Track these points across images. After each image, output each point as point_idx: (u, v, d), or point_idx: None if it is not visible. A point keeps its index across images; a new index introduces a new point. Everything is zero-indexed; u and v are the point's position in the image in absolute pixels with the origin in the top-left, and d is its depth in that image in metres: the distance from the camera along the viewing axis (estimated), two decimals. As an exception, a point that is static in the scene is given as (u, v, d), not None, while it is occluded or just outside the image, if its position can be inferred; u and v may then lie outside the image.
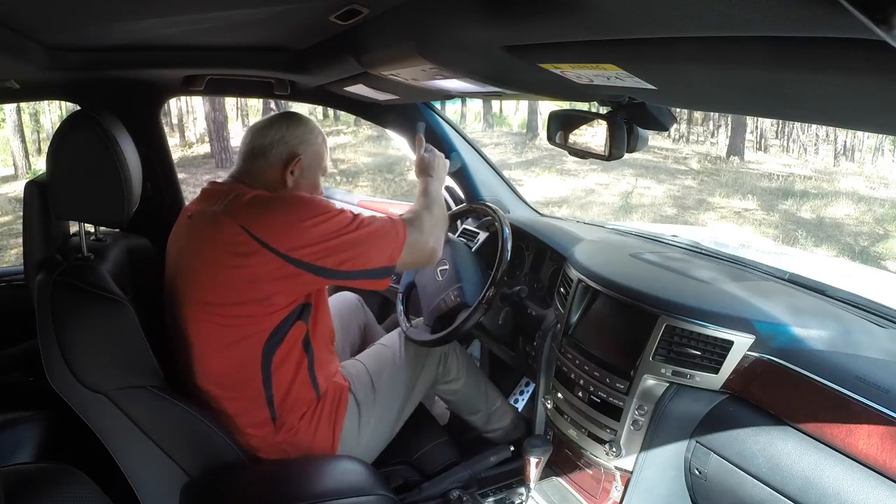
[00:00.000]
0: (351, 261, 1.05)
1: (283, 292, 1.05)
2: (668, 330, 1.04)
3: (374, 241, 1.07)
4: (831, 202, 8.37)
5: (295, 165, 1.16)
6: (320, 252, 1.03)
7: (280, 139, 1.17)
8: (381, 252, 1.08)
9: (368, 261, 1.07)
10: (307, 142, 1.19)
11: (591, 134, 0.98)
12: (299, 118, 1.21)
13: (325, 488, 1.04)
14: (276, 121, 1.19)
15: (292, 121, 1.19)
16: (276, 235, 1.02)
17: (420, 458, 1.31)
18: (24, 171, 9.83)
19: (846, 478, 0.81)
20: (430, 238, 1.16)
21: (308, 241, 1.02)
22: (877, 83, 0.44)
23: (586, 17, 0.52)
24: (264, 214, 1.03)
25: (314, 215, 1.04)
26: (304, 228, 1.03)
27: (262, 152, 1.16)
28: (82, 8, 0.87)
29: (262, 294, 1.04)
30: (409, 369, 1.31)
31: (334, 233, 1.04)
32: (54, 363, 0.95)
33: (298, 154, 1.16)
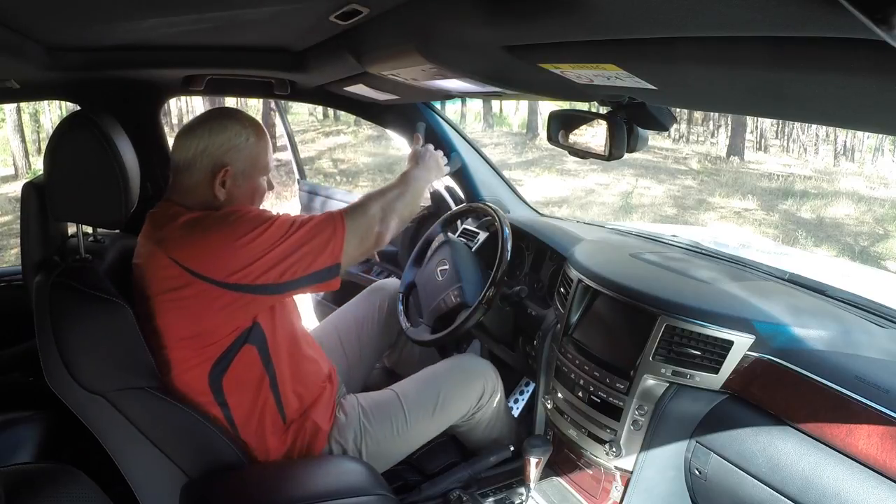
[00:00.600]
0: (290, 270, 0.99)
1: (224, 322, 1.00)
2: (668, 330, 1.04)
3: (311, 243, 1.00)
4: (831, 202, 8.38)
5: (224, 176, 1.05)
6: (257, 271, 0.97)
7: (202, 151, 1.05)
8: (321, 252, 1.01)
9: (310, 265, 1.00)
10: (235, 147, 1.06)
11: (591, 134, 0.98)
12: (222, 120, 1.08)
13: (325, 488, 1.04)
14: (199, 126, 1.07)
15: (214, 126, 1.07)
16: (211, 264, 0.96)
17: (420, 458, 1.31)
18: (24, 171, 9.83)
19: (846, 478, 0.81)
20: (374, 222, 1.08)
21: (244, 263, 0.96)
22: (877, 83, 0.44)
23: (586, 17, 0.52)
24: (192, 242, 0.97)
25: (244, 233, 0.97)
26: (236, 249, 0.96)
27: (187, 168, 1.06)
28: (82, 8, 0.87)
29: (198, 328, 0.99)
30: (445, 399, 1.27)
31: (268, 247, 0.97)
32: (52, 364, 0.95)
33: (226, 164, 1.05)
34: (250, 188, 1.10)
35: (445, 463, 1.31)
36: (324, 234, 1.02)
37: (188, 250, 0.97)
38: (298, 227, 1.01)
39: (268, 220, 1.00)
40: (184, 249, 0.97)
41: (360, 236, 1.06)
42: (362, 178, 9.03)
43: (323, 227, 1.02)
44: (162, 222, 1.02)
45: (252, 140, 1.08)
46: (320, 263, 1.01)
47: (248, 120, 1.11)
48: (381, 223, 1.09)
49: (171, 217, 1.02)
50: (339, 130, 12.27)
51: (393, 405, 1.23)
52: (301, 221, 1.02)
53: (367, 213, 1.07)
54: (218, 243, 0.97)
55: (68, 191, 1.02)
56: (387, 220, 1.10)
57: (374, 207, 1.09)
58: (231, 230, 0.98)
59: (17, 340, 1.53)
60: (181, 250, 0.97)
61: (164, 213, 1.04)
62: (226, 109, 1.13)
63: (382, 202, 1.11)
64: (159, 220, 1.04)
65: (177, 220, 1.00)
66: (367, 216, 1.07)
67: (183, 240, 0.98)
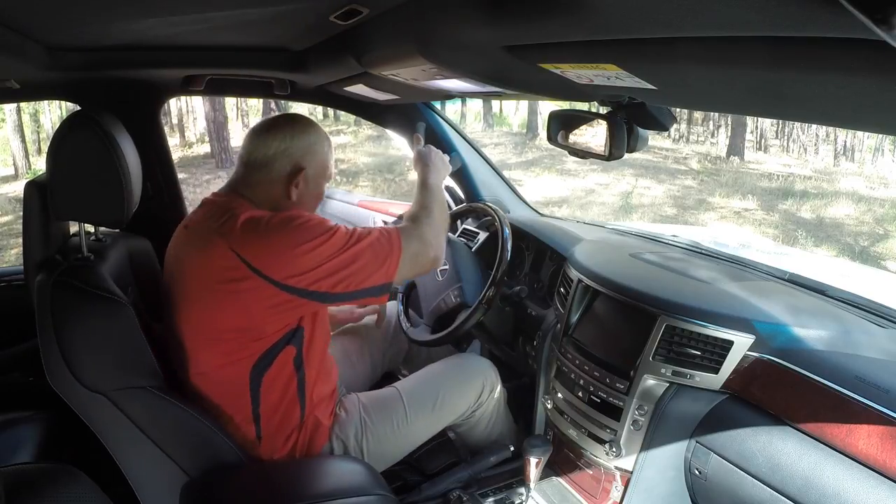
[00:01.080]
0: (345, 282, 1.01)
1: (273, 320, 1.02)
2: (668, 330, 1.04)
3: (369, 260, 1.02)
4: (831, 202, 8.37)
5: (299, 178, 1.09)
6: (314, 277, 0.99)
7: (283, 151, 1.09)
8: (377, 269, 1.03)
9: (364, 280, 1.02)
10: (313, 152, 1.11)
11: (591, 134, 0.98)
12: (304, 124, 1.13)
13: (325, 488, 1.04)
14: (279, 128, 1.10)
15: (296, 128, 1.11)
16: (270, 263, 0.98)
17: (420, 458, 1.31)
18: (24, 171, 9.83)
19: (846, 478, 0.81)
20: (430, 248, 1.10)
21: (302, 269, 0.98)
22: (877, 83, 0.44)
23: (586, 17, 0.52)
24: (258, 240, 0.99)
25: (308, 240, 0.99)
26: (298, 255, 0.98)
27: (264, 164, 1.09)
28: (82, 8, 0.87)
29: (251, 323, 1.01)
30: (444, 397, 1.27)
31: (328, 257, 0.99)
32: (54, 363, 0.95)
33: (303, 167, 1.09)
34: (317, 193, 1.15)
35: (445, 463, 1.31)
36: (381, 253, 1.03)
37: (251, 247, 0.98)
38: (357, 240, 1.02)
39: (329, 231, 1.01)
40: (246, 245, 0.98)
41: (413, 258, 1.07)
42: (362, 177, 9.03)
43: (380, 245, 1.04)
44: (222, 214, 1.03)
45: (326, 147, 1.14)
46: (374, 280, 1.03)
47: (320, 127, 1.17)
48: (435, 247, 1.12)
49: (234, 210, 1.03)
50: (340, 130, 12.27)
51: (394, 401, 1.23)
52: (359, 235, 1.03)
53: (422, 237, 1.09)
54: (280, 246, 0.98)
55: (70, 190, 1.02)
56: (439, 241, 1.13)
57: (426, 231, 1.11)
58: (294, 235, 0.99)
59: (17, 340, 1.53)
60: (244, 246, 0.98)
61: (227, 205, 1.05)
62: (301, 116, 1.18)
63: (429, 224, 1.12)
64: (219, 210, 1.04)
65: (239, 215, 1.01)
66: (421, 240, 1.09)
67: (246, 236, 0.99)
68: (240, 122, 12.91)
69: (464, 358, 1.41)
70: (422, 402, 1.24)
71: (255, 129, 1.13)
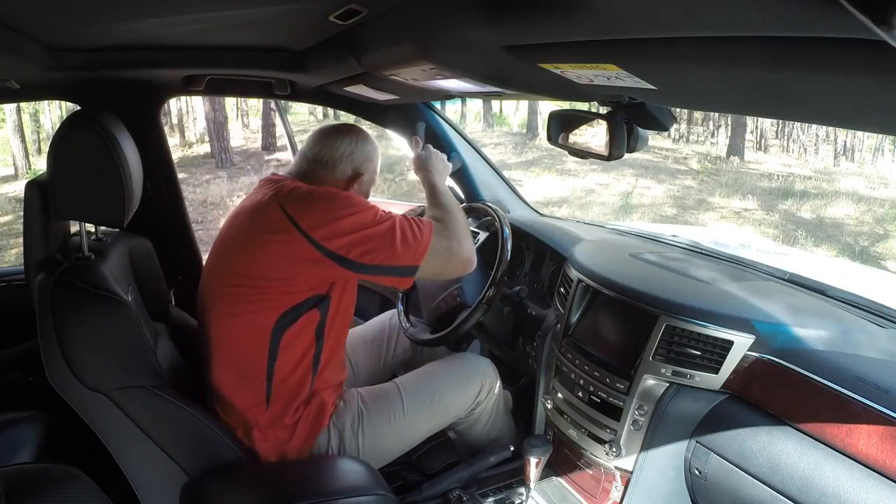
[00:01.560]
0: (373, 253, 1.07)
1: (305, 276, 1.08)
2: (668, 330, 1.04)
3: (400, 239, 1.08)
4: (831, 202, 8.37)
5: (357, 182, 1.22)
6: (347, 243, 1.06)
7: (349, 155, 1.21)
8: (406, 249, 1.09)
9: (391, 256, 1.08)
10: (371, 160, 1.24)
11: (591, 134, 0.98)
12: (366, 135, 1.25)
13: (325, 488, 1.04)
14: (346, 134, 1.22)
15: (361, 137, 1.23)
16: (310, 220, 1.05)
17: (420, 458, 1.31)
18: (24, 171, 9.83)
19: (846, 478, 0.81)
20: (462, 247, 1.15)
21: (337, 232, 1.05)
22: (877, 83, 0.44)
23: (586, 17, 0.52)
24: (303, 201, 1.08)
25: (347, 207, 1.08)
26: (336, 220, 1.06)
27: (330, 163, 1.20)
28: (82, 8, 0.87)
29: (286, 273, 1.07)
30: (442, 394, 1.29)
31: (363, 225, 1.07)
32: (54, 362, 0.95)
33: (362, 173, 1.22)
34: (365, 195, 1.26)
35: (445, 463, 1.31)
36: (412, 236, 1.10)
37: (296, 205, 1.07)
38: (391, 220, 1.10)
39: (368, 207, 1.10)
40: (292, 202, 1.07)
41: (445, 253, 1.13)
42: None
43: (412, 229, 1.11)
44: (278, 185, 1.13)
45: (378, 156, 1.27)
46: (401, 260, 1.09)
47: (374, 139, 1.28)
48: (466, 249, 1.17)
49: (287, 184, 1.13)
50: (339, 130, 12.23)
51: (392, 395, 1.25)
52: (394, 217, 1.11)
53: (452, 236, 1.15)
54: (322, 208, 1.07)
55: (71, 189, 1.02)
56: (469, 243, 1.18)
57: (456, 232, 1.16)
58: (336, 202, 1.08)
59: (17, 340, 1.53)
60: (290, 203, 1.07)
61: (280, 180, 1.15)
62: (360, 127, 1.29)
63: (456, 226, 1.17)
64: (272, 183, 1.15)
65: (294, 184, 1.12)
66: (451, 239, 1.14)
67: (294, 195, 1.09)
68: (240, 122, 12.91)
69: (463, 357, 1.41)
70: (420, 398, 1.25)
71: (324, 130, 1.25)
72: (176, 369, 1.15)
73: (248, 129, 12.72)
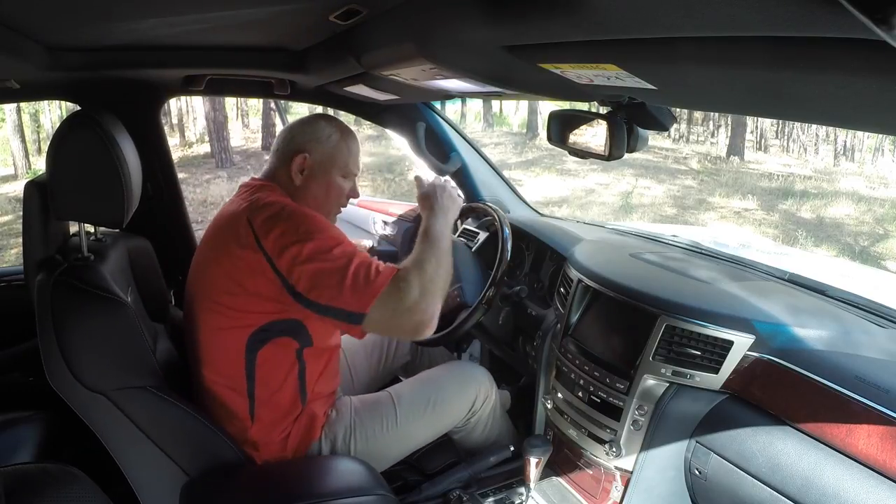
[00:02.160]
0: (319, 290, 0.99)
1: (266, 294, 1.03)
2: (668, 330, 1.04)
3: (350, 276, 0.99)
4: (831, 202, 8.37)
5: (302, 164, 1.16)
6: (299, 274, 1.00)
7: (291, 138, 1.19)
8: (353, 292, 0.99)
9: (336, 296, 0.99)
10: (316, 140, 1.18)
11: (591, 134, 0.98)
12: (318, 119, 1.21)
13: (325, 488, 1.04)
14: (298, 121, 1.22)
15: (308, 121, 1.21)
16: (272, 241, 1.01)
17: (420, 458, 1.31)
18: (23, 171, 9.83)
19: (846, 478, 0.81)
20: (421, 306, 1.01)
21: (294, 258, 1.00)
22: (877, 83, 0.44)
23: (586, 17, 0.52)
24: (270, 217, 1.04)
25: (309, 231, 1.02)
26: (294, 243, 1.00)
27: (275, 151, 1.20)
28: (82, 8, 0.87)
29: (248, 289, 1.04)
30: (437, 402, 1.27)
31: (317, 254, 1.00)
32: (54, 363, 0.95)
33: (304, 152, 1.16)
34: (325, 182, 1.18)
35: (445, 463, 1.31)
36: (363, 276, 1.00)
37: (262, 221, 1.04)
38: (349, 257, 1.01)
39: (332, 236, 1.04)
40: (259, 218, 1.04)
41: (393, 310, 1.00)
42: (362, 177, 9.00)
43: (368, 270, 1.01)
44: (252, 192, 1.12)
45: (334, 138, 1.19)
46: (346, 303, 0.99)
47: (339, 124, 1.22)
48: (420, 312, 1.01)
49: (263, 189, 1.13)
50: (339, 130, 12.24)
51: (385, 404, 1.23)
52: (357, 254, 1.02)
53: (406, 297, 1.00)
54: (284, 228, 1.03)
55: (70, 190, 1.02)
56: (426, 305, 1.02)
57: (412, 291, 1.01)
58: (300, 225, 1.03)
59: (17, 340, 1.53)
60: (258, 219, 1.04)
61: (259, 187, 1.15)
62: (328, 115, 1.26)
63: (421, 279, 1.03)
64: (252, 190, 1.14)
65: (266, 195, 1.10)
66: (404, 299, 1.00)
67: (263, 210, 1.05)
68: (240, 122, 12.90)
69: (458, 365, 1.40)
70: (413, 406, 1.24)
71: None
72: (175, 370, 1.15)
73: (248, 128, 12.72)
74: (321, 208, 1.18)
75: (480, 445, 1.37)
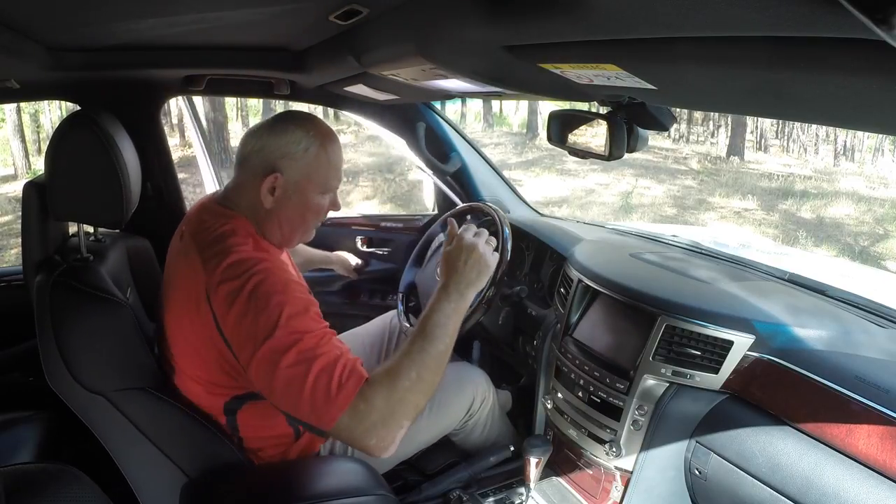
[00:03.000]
0: (275, 397, 0.86)
1: (232, 374, 0.94)
2: (668, 330, 1.04)
3: (308, 392, 0.83)
4: (831, 202, 8.38)
5: (274, 183, 0.97)
6: (255, 370, 0.87)
7: (258, 150, 0.98)
8: (312, 410, 0.83)
9: (295, 409, 0.85)
10: (289, 155, 0.97)
11: (591, 134, 0.98)
12: (287, 123, 1.00)
13: (325, 488, 1.04)
14: (264, 125, 1.01)
15: (277, 128, 0.99)
16: (229, 322, 0.88)
17: (420, 458, 1.31)
18: (23, 172, 9.83)
19: (846, 478, 0.81)
20: (373, 432, 0.83)
21: (250, 350, 0.86)
22: (877, 83, 0.44)
23: (586, 17, 0.52)
24: (230, 293, 0.88)
25: (271, 321, 0.85)
26: (251, 335, 0.86)
27: (241, 163, 1.01)
28: (82, 8, 0.87)
29: (214, 367, 0.94)
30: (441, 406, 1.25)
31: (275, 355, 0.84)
32: (53, 364, 0.95)
33: (276, 170, 0.97)
34: (301, 203, 1.00)
35: (445, 463, 1.31)
36: (320, 392, 0.83)
37: (220, 298, 0.89)
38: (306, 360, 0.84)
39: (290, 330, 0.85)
40: (217, 294, 0.89)
41: (351, 429, 0.84)
42: (363, 177, 9.02)
43: (326, 382, 0.83)
44: (212, 243, 0.94)
45: (312, 151, 0.98)
46: (305, 418, 0.85)
47: (316, 129, 1.00)
48: (380, 437, 0.84)
49: (224, 235, 0.94)
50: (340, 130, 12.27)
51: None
52: (314, 350, 0.84)
53: (368, 415, 0.83)
54: (239, 309, 0.87)
55: (69, 190, 1.02)
56: (388, 430, 0.85)
57: (373, 413, 0.83)
58: (259, 307, 0.86)
59: (17, 340, 1.53)
60: (215, 294, 0.89)
61: (218, 224, 0.97)
62: (299, 113, 1.03)
63: (388, 400, 0.84)
64: (210, 230, 0.96)
65: (228, 251, 0.91)
66: (367, 419, 0.83)
67: (221, 282, 0.90)
68: (239, 122, 12.90)
69: (455, 367, 1.39)
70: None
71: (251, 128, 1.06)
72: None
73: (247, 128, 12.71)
74: (295, 231, 1.03)
75: (479, 447, 1.37)
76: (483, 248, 1.00)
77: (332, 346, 0.87)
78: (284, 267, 0.96)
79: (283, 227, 1.02)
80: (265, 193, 0.98)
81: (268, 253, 0.97)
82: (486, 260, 1.00)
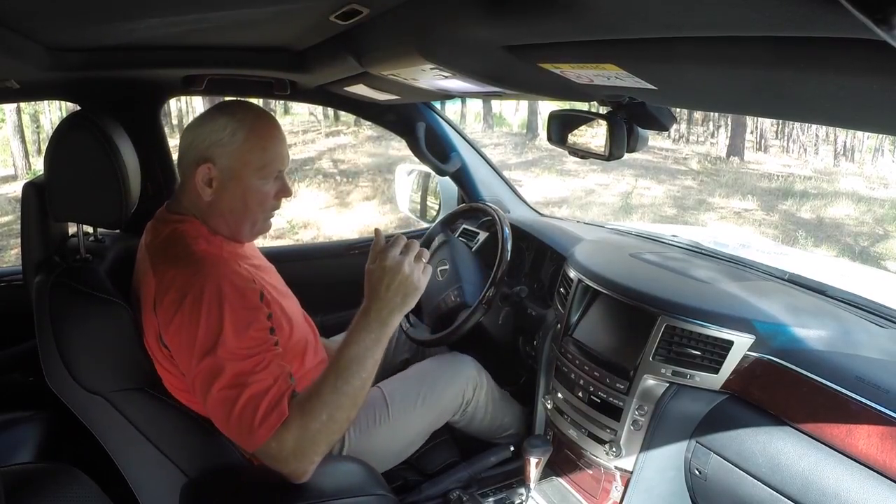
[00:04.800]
0: (209, 411, 0.88)
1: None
2: (668, 330, 1.04)
3: (236, 416, 0.84)
4: (831, 202, 8.38)
5: (208, 174, 0.95)
6: (192, 381, 0.88)
7: (189, 145, 0.97)
8: (238, 433, 0.86)
9: (224, 427, 0.88)
10: (217, 142, 0.95)
11: (591, 134, 0.98)
12: (213, 113, 0.98)
13: (324, 488, 1.03)
14: (195, 120, 1.00)
15: (204, 118, 0.98)
16: (170, 332, 0.90)
17: (420, 457, 1.31)
18: (23, 172, 9.83)
19: (846, 478, 0.81)
20: (287, 463, 0.87)
21: (187, 364, 0.88)
22: (877, 83, 0.44)
23: (586, 17, 0.52)
24: (171, 304, 0.88)
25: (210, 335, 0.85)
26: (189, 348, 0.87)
27: (180, 161, 1.00)
28: (82, 8, 0.87)
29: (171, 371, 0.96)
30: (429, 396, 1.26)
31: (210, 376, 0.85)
32: (52, 364, 0.95)
33: (207, 160, 0.95)
34: (241, 192, 0.98)
35: (445, 463, 1.31)
36: (246, 420, 0.84)
37: (162, 310, 0.90)
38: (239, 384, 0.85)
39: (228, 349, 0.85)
40: (160, 306, 0.91)
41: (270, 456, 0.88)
42: (362, 178, 9.02)
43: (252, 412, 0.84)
44: (156, 235, 0.98)
45: (240, 134, 0.96)
46: (232, 436, 0.89)
47: (242, 112, 0.98)
48: (292, 468, 0.88)
49: (165, 228, 0.98)
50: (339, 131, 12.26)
51: (376, 401, 1.22)
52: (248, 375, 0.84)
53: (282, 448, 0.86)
54: (180, 319, 0.87)
55: (68, 191, 1.02)
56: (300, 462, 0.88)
57: (285, 447, 0.86)
58: (196, 317, 0.86)
59: (17, 340, 1.53)
60: (159, 305, 0.91)
61: (165, 220, 1.01)
62: (228, 101, 1.02)
63: (300, 438, 0.86)
64: (156, 229, 1.00)
65: (168, 251, 0.94)
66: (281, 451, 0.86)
67: (163, 292, 0.90)
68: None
69: (446, 357, 1.40)
70: (405, 401, 1.24)
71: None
72: None
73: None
74: (241, 222, 1.00)
75: (487, 431, 1.37)
76: (409, 269, 0.91)
77: (265, 374, 0.86)
78: (235, 269, 0.93)
79: (228, 219, 1.00)
80: (202, 186, 0.97)
81: (220, 250, 0.98)
82: (412, 282, 0.91)
